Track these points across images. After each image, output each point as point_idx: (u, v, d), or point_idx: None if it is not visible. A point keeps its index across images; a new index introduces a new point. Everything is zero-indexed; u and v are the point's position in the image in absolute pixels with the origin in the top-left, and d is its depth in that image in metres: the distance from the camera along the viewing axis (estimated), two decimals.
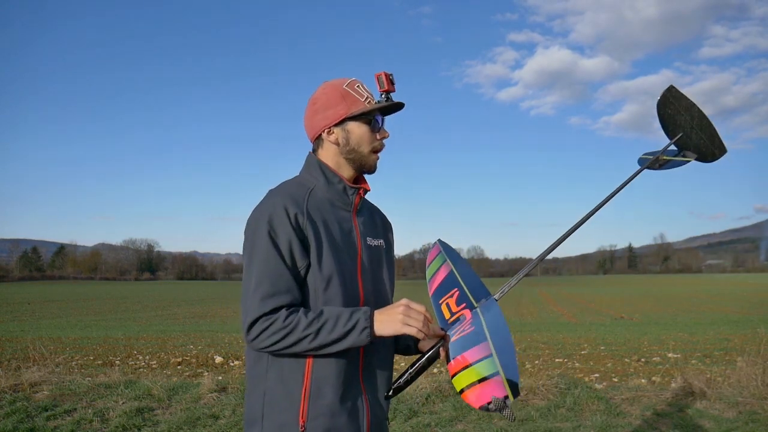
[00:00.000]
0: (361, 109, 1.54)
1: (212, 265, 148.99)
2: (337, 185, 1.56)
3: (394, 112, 1.63)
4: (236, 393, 5.43)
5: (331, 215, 1.52)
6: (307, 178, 1.58)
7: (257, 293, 1.39)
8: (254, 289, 1.40)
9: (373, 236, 1.63)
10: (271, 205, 1.45)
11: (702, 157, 1.96)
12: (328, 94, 1.56)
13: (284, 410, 1.44)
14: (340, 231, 1.51)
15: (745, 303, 27.74)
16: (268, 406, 1.46)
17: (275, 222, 1.43)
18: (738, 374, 5.50)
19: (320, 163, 1.58)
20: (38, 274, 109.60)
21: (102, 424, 4.56)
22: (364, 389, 1.52)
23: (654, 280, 76.56)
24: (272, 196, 1.49)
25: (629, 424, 4.56)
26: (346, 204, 1.58)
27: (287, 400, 1.44)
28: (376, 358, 1.55)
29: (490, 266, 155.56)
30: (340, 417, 1.45)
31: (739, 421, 4.51)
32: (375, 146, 1.57)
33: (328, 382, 1.44)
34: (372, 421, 1.52)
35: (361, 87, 1.57)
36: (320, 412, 1.43)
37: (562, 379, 5.72)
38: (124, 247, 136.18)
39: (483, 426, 4.54)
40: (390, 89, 1.55)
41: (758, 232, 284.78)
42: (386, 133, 1.60)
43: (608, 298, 34.98)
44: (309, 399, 1.43)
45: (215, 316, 20.60)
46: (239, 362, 8.75)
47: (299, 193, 1.50)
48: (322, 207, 1.51)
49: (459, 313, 1.60)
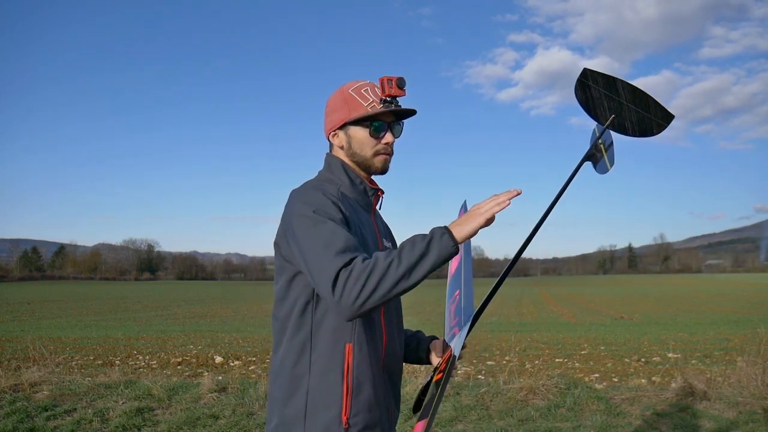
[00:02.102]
0: (361, 114, 1.52)
1: (212, 265, 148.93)
2: (359, 186, 1.58)
3: (406, 117, 1.60)
4: (236, 393, 5.42)
5: (355, 215, 1.52)
6: (331, 177, 1.57)
7: (329, 251, 1.30)
8: (324, 250, 1.31)
9: (387, 239, 1.65)
10: (306, 194, 1.44)
11: (646, 130, 1.75)
12: (335, 98, 1.57)
13: (328, 407, 1.43)
14: (368, 229, 1.53)
15: (745, 303, 27.74)
16: (311, 405, 1.44)
17: (318, 203, 1.41)
18: (738, 374, 5.50)
19: (343, 163, 1.58)
20: (38, 274, 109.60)
21: (102, 424, 4.56)
22: (386, 384, 1.56)
23: (654, 280, 76.58)
24: (306, 189, 1.48)
25: (629, 424, 4.56)
26: (367, 205, 1.60)
27: (331, 397, 1.43)
28: (395, 358, 1.59)
29: (490, 266, 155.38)
30: (376, 412, 1.49)
31: (739, 421, 4.51)
32: (377, 149, 1.55)
33: (366, 377, 1.46)
34: (395, 417, 1.59)
35: (368, 91, 1.54)
36: (361, 408, 1.45)
37: (562, 379, 5.72)
38: (124, 247, 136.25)
39: (483, 426, 4.54)
40: (395, 94, 1.50)
41: (758, 232, 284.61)
42: (390, 138, 1.55)
43: (608, 298, 34.97)
44: (351, 395, 1.44)
45: (215, 316, 20.60)
46: (239, 362, 8.75)
47: (331, 189, 1.51)
48: (349, 205, 1.51)
49: (455, 328, 1.69)
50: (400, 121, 1.59)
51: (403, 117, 1.59)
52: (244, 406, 5.03)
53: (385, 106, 1.51)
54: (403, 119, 1.60)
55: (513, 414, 4.82)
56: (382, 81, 1.51)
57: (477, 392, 5.43)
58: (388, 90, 1.50)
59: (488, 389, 5.46)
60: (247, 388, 5.53)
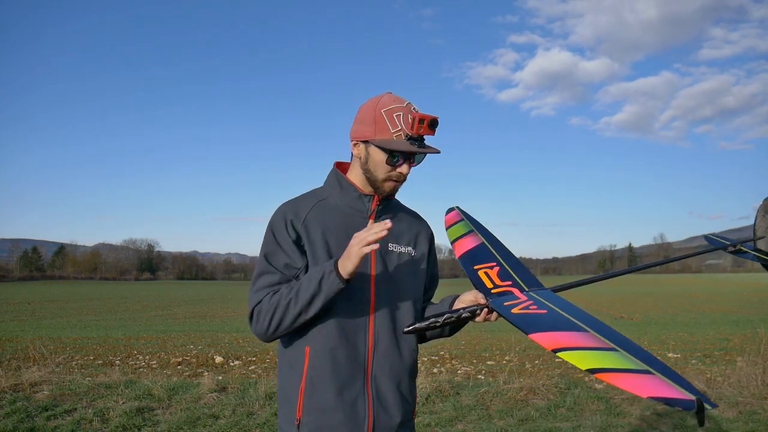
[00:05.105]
0: (384, 139, 1.52)
1: (212, 265, 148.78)
2: (352, 193, 1.61)
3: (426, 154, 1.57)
4: (236, 393, 5.43)
5: (339, 222, 1.57)
6: (324, 188, 1.67)
7: (254, 286, 1.54)
8: (253, 283, 1.56)
9: (398, 242, 1.63)
10: (275, 213, 1.60)
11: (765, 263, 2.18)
12: (366, 110, 1.57)
13: (288, 404, 1.54)
14: (346, 236, 1.52)
15: (745, 303, 27.72)
16: (281, 398, 1.58)
17: (274, 227, 1.57)
18: (738, 374, 5.50)
19: (338, 173, 1.65)
20: (38, 273, 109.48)
21: (102, 424, 4.56)
22: (370, 392, 1.52)
23: (654, 280, 76.53)
24: (280, 206, 1.62)
25: (629, 424, 4.56)
26: (362, 210, 1.61)
27: (291, 394, 1.53)
28: (388, 364, 1.55)
29: None
30: (334, 414, 1.48)
31: (739, 421, 4.51)
32: (390, 176, 1.56)
33: (321, 378, 1.49)
34: (376, 425, 1.51)
35: (400, 117, 1.51)
36: (314, 408, 1.49)
37: (562, 379, 5.73)
38: (124, 247, 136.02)
39: (483, 426, 4.54)
40: (424, 133, 1.49)
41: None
42: (405, 170, 1.55)
43: (608, 298, 34.95)
44: (304, 395, 1.50)
45: (215, 316, 20.58)
46: (239, 362, 8.76)
47: (305, 202, 1.60)
48: (328, 215, 1.58)
49: (505, 288, 1.57)
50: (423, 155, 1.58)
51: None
52: (244, 406, 5.03)
53: (408, 145, 1.50)
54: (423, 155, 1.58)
55: (513, 414, 4.82)
56: (414, 117, 1.48)
57: (477, 392, 5.43)
58: (417, 129, 1.48)
59: (488, 389, 5.46)
60: (247, 388, 5.54)
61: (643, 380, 1.14)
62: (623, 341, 1.27)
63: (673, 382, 1.12)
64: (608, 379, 1.16)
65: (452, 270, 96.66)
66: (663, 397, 1.09)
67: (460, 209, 2.04)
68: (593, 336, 1.28)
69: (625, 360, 1.19)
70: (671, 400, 1.08)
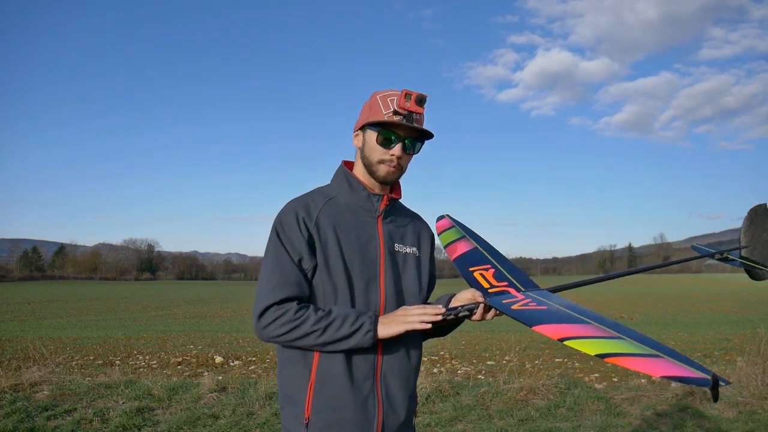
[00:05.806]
0: (376, 119, 1.54)
1: (212, 265, 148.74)
2: (361, 192, 1.61)
3: (422, 137, 1.59)
4: (236, 393, 5.43)
5: (349, 221, 1.57)
6: (332, 186, 1.66)
7: (269, 283, 1.49)
8: (266, 280, 1.50)
9: (403, 243, 1.65)
10: (284, 210, 1.57)
11: (752, 273, 2.19)
12: (367, 102, 1.62)
13: (295, 403, 1.51)
14: (356, 236, 1.55)
15: (744, 303, 27.72)
16: (285, 399, 1.55)
17: (285, 223, 1.54)
18: (738, 374, 5.50)
19: (346, 172, 1.64)
20: (38, 273, 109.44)
21: (102, 424, 4.56)
22: (379, 391, 1.53)
23: (654, 280, 76.52)
24: (289, 203, 1.60)
25: (629, 424, 4.56)
26: (370, 210, 1.62)
27: (297, 393, 1.51)
28: (397, 364, 1.57)
29: None
30: (344, 412, 1.48)
31: (739, 421, 4.51)
32: (383, 158, 1.57)
33: (332, 377, 1.49)
34: (384, 424, 1.52)
35: (393, 101, 1.55)
36: (323, 406, 1.48)
37: (562, 379, 5.73)
38: (124, 247, 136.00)
39: (483, 426, 4.54)
40: (411, 109, 1.50)
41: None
42: (398, 152, 1.56)
43: (608, 298, 34.95)
44: (314, 393, 1.49)
45: (215, 316, 20.57)
46: (239, 362, 8.75)
47: (315, 200, 1.59)
48: (338, 214, 1.57)
49: (501, 288, 1.61)
50: (420, 139, 1.59)
51: (425, 137, 1.59)
52: (244, 406, 5.03)
53: (395, 117, 1.52)
54: (425, 139, 1.60)
55: (513, 414, 4.82)
56: (401, 93, 1.51)
57: (477, 392, 5.43)
58: (403, 103, 1.51)
59: (488, 389, 5.46)
60: (247, 388, 5.54)
61: (654, 362, 1.17)
62: (628, 331, 1.31)
63: (684, 364, 1.15)
64: (619, 362, 1.18)
65: (452, 270, 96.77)
66: (677, 375, 1.11)
67: (450, 217, 2.07)
68: (598, 327, 1.33)
69: (633, 346, 1.23)
70: (685, 378, 1.10)
